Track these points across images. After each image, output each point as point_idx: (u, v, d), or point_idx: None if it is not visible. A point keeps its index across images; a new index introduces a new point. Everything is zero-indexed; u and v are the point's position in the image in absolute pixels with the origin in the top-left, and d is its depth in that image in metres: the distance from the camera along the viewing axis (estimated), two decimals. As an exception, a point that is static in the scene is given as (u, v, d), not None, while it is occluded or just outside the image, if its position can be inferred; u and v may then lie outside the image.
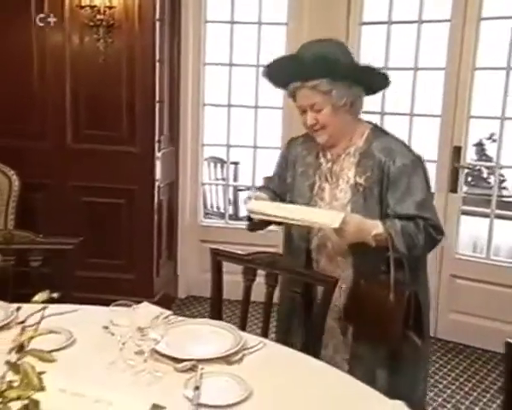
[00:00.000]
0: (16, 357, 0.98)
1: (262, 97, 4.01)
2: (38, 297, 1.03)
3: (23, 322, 1.50)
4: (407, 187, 1.81)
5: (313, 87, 1.81)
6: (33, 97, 3.53)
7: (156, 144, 3.58)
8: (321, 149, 1.96)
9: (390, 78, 1.89)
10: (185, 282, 4.16)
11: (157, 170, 3.61)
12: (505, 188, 6.32)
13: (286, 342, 1.84)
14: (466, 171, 3.77)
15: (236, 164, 5.41)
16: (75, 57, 3.47)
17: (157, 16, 3.47)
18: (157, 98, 3.55)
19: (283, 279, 2.00)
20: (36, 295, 1.13)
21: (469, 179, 5.76)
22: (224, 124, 4.12)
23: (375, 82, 1.91)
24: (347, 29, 3.67)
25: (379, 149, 1.85)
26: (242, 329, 1.85)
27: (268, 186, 2.10)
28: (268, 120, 4.13)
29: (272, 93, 3.47)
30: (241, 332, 1.70)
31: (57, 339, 1.52)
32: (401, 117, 3.63)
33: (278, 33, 3.94)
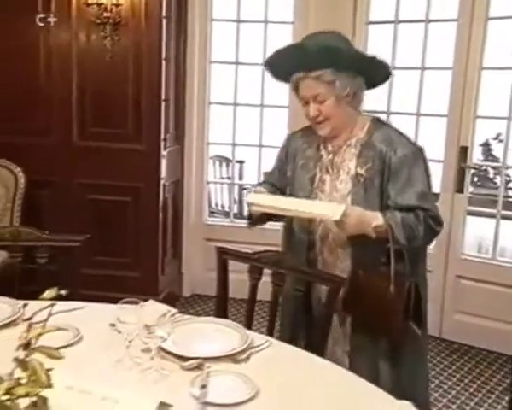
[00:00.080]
0: (24, 354, 0.98)
1: (268, 96, 4.00)
2: (47, 294, 1.03)
3: (30, 319, 1.50)
4: (408, 177, 1.81)
5: (317, 77, 1.82)
6: (40, 95, 3.54)
7: (162, 142, 3.58)
8: (322, 142, 1.96)
9: (391, 69, 1.90)
10: (190, 280, 4.16)
11: (162, 168, 3.61)
12: (511, 188, 6.30)
13: (290, 340, 1.83)
14: (472, 171, 3.75)
15: (242, 163, 5.40)
16: (82, 55, 3.48)
17: (163, 14, 3.47)
18: (163, 96, 3.55)
19: (287, 278, 2.00)
20: (42, 292, 1.13)
21: (475, 180, 5.74)
22: (230, 122, 4.12)
23: (377, 73, 1.91)
24: (354, 28, 3.66)
25: (380, 140, 1.86)
26: (248, 327, 1.84)
27: (268, 180, 2.10)
28: (273, 119, 4.12)
29: (278, 92, 3.49)
30: (248, 331, 1.69)
31: (64, 336, 1.52)
32: (407, 117, 3.62)
33: (284, 32, 3.93)
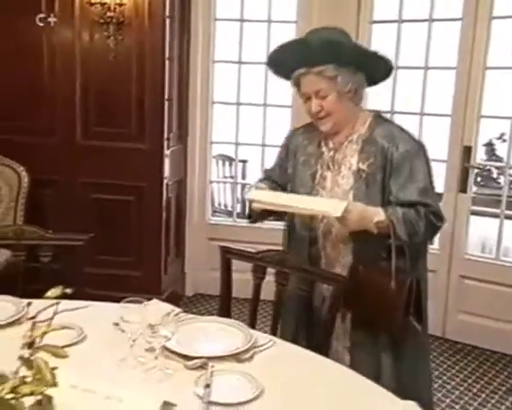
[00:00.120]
0: (29, 352, 0.98)
1: (271, 95, 4.00)
2: (52, 293, 1.03)
3: (34, 318, 1.50)
4: (410, 173, 1.82)
5: (319, 73, 1.82)
6: (43, 94, 3.54)
7: (165, 142, 3.58)
8: (323, 138, 1.96)
9: (392, 64, 1.90)
10: (193, 280, 4.16)
11: (166, 167, 3.61)
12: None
13: (291, 339, 1.83)
14: (476, 171, 3.75)
15: (245, 162, 5.41)
16: (85, 54, 3.48)
17: (167, 13, 3.46)
18: (166, 96, 3.55)
19: (290, 277, 2.00)
20: (46, 290, 1.13)
21: (479, 180, 5.72)
22: (233, 122, 4.11)
23: (379, 68, 1.91)
24: (357, 27, 3.65)
25: (382, 136, 1.86)
26: (252, 327, 1.84)
27: (269, 177, 2.10)
28: (277, 118, 4.12)
29: (281, 91, 3.48)
30: (251, 330, 1.69)
31: (68, 335, 1.52)
32: (411, 116, 3.61)
33: (288, 31, 3.92)
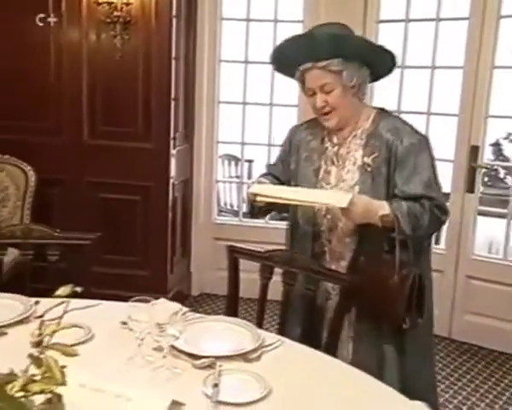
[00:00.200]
0: (39, 351, 0.98)
1: (277, 95, 4.00)
2: (62, 291, 1.03)
3: (41, 316, 1.51)
4: (414, 166, 1.82)
5: (324, 67, 1.82)
6: (50, 94, 3.56)
7: (171, 141, 3.58)
8: (326, 134, 1.96)
9: (397, 60, 1.89)
10: (198, 279, 4.16)
11: (172, 167, 3.61)
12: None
13: (299, 339, 1.82)
14: (483, 171, 3.72)
15: (251, 162, 5.40)
16: (92, 54, 3.49)
17: (173, 13, 3.47)
18: (173, 95, 3.55)
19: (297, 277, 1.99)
20: (53, 289, 1.13)
21: (486, 179, 5.69)
22: (239, 121, 4.11)
23: (383, 63, 1.91)
24: (364, 27, 3.64)
25: (386, 130, 1.87)
26: (259, 326, 1.84)
27: (271, 172, 2.10)
28: (283, 118, 4.11)
29: (287, 91, 3.48)
30: (259, 330, 1.69)
31: (76, 334, 1.52)
32: (418, 116, 3.59)
33: (294, 31, 3.91)
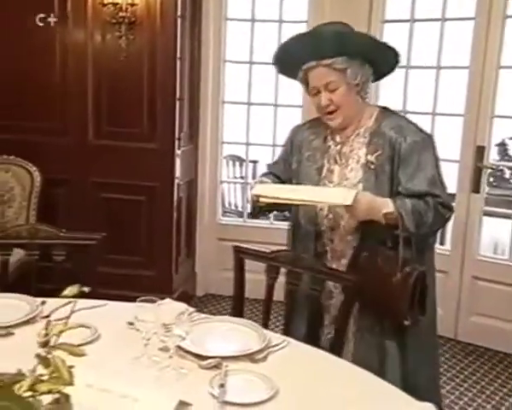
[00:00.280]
0: (46, 351, 0.98)
1: (281, 95, 3.99)
2: (69, 291, 1.03)
3: (48, 316, 1.51)
4: (418, 163, 1.82)
5: (329, 65, 1.82)
6: (55, 94, 3.56)
7: (176, 142, 3.58)
8: (329, 134, 1.97)
9: (400, 57, 1.89)
10: (203, 280, 4.16)
11: (177, 167, 3.61)
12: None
13: (303, 339, 1.82)
14: (488, 171, 3.71)
15: (255, 162, 5.40)
16: (97, 54, 3.49)
17: (178, 13, 3.47)
18: (177, 95, 3.55)
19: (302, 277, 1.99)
20: (59, 290, 1.13)
21: (491, 180, 5.68)
22: (244, 122, 4.11)
23: (388, 60, 1.90)
24: (369, 27, 3.63)
25: (389, 128, 1.87)
26: (265, 327, 1.83)
27: (272, 172, 2.10)
28: (287, 119, 4.10)
29: (292, 91, 3.47)
30: (265, 330, 1.69)
31: (82, 334, 1.52)
32: (423, 116, 3.58)
33: (298, 31, 3.90)
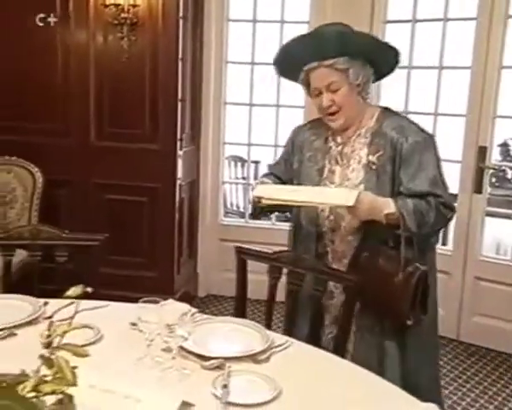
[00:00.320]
0: (50, 351, 0.98)
1: (283, 96, 3.99)
2: (72, 292, 1.03)
3: (50, 317, 1.51)
4: (419, 163, 1.82)
5: (331, 65, 1.82)
6: (57, 95, 3.57)
7: (178, 142, 3.58)
8: (331, 134, 1.97)
9: (400, 57, 1.89)
10: (205, 280, 4.16)
11: (179, 168, 3.61)
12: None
13: (306, 340, 1.82)
14: (490, 172, 3.71)
15: (257, 163, 5.40)
16: (99, 55, 3.50)
17: (180, 14, 3.47)
18: (179, 96, 3.55)
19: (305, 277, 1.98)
20: (61, 290, 1.13)
21: (493, 180, 5.67)
22: (246, 122, 4.11)
23: (389, 59, 1.91)
24: (371, 27, 3.63)
25: (391, 128, 1.87)
26: (268, 327, 1.83)
27: (273, 172, 2.10)
28: (289, 119, 4.10)
29: (293, 92, 3.47)
30: (268, 331, 1.69)
31: (85, 335, 1.52)
32: (425, 116, 3.58)
33: (300, 32, 3.90)
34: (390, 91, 3.56)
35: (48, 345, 1.06)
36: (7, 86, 3.56)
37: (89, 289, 1.03)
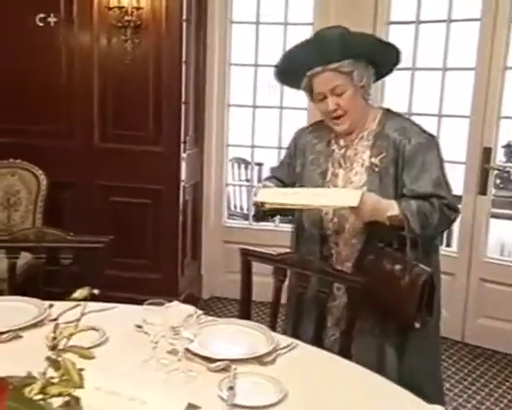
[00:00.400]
0: (57, 353, 0.98)
1: (287, 98, 3.99)
2: (78, 294, 1.03)
3: (56, 319, 1.50)
4: (423, 164, 1.82)
5: (335, 69, 1.82)
6: (61, 97, 3.57)
7: (182, 145, 3.59)
8: (333, 137, 1.96)
9: (401, 55, 1.89)
10: (209, 282, 4.16)
11: (182, 170, 3.61)
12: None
13: (310, 341, 1.81)
14: (495, 173, 3.70)
15: (261, 165, 5.40)
16: (103, 58, 3.50)
17: (184, 17, 3.47)
18: (183, 99, 3.56)
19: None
20: (66, 293, 1.13)
21: (498, 182, 5.65)
22: (249, 125, 4.12)
23: (391, 59, 1.90)
24: (374, 28, 3.62)
25: (393, 130, 1.87)
26: (272, 329, 1.83)
27: (274, 176, 2.09)
28: (293, 121, 4.10)
29: (297, 94, 3.47)
30: (273, 333, 1.68)
31: (90, 337, 1.51)
32: (429, 118, 3.58)
33: (304, 34, 3.91)
34: (394, 93, 3.56)
35: (54, 347, 1.06)
36: (11, 88, 3.56)
37: (95, 290, 1.03)
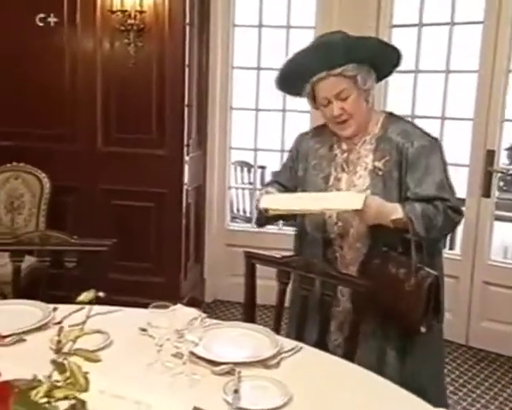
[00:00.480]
0: (62, 357, 0.98)
1: (289, 101, 3.99)
2: (84, 297, 1.03)
3: (60, 322, 1.50)
4: (426, 167, 1.82)
5: (339, 74, 1.82)
6: (65, 101, 3.58)
7: (185, 148, 3.59)
8: (336, 142, 1.96)
9: (401, 57, 1.88)
10: (212, 286, 4.15)
11: (185, 174, 3.61)
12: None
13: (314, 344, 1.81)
14: (498, 175, 3.69)
15: (263, 168, 5.40)
16: (106, 61, 3.51)
17: (187, 20, 3.48)
18: (186, 102, 3.56)
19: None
20: (70, 296, 1.13)
21: (501, 184, 5.64)
22: (252, 128, 4.12)
23: (392, 61, 1.90)
24: (377, 31, 3.62)
25: (396, 133, 1.87)
26: (276, 332, 1.82)
27: (276, 180, 2.09)
28: (295, 124, 4.10)
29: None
30: (277, 336, 1.68)
31: (95, 340, 1.51)
32: (432, 120, 3.57)
33: (306, 37, 3.91)
34: (397, 96, 3.56)
35: (58, 350, 1.05)
36: (14, 91, 3.57)
37: (101, 293, 1.03)
